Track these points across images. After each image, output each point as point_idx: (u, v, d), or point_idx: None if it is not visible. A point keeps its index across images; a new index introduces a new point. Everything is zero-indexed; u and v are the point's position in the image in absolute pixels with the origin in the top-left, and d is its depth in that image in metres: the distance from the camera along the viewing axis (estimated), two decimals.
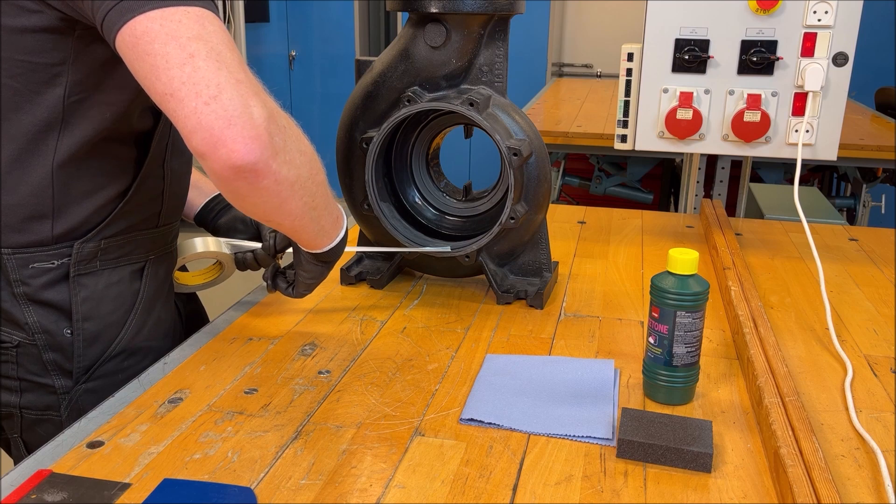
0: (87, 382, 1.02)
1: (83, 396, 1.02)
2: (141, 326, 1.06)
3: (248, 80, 0.78)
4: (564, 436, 0.87)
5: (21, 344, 0.98)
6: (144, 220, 1.05)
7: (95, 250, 1.00)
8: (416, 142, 1.33)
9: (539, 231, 1.27)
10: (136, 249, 1.05)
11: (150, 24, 0.76)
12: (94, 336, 1.01)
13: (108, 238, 1.00)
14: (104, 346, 1.02)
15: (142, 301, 1.06)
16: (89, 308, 1.00)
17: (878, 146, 2.68)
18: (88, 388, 1.02)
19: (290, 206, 0.87)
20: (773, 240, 1.61)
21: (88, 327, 1.00)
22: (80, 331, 1.00)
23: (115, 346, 1.03)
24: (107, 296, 1.02)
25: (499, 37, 1.19)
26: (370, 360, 1.05)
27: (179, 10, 0.77)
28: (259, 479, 0.78)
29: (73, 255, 0.98)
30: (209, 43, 0.76)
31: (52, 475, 0.76)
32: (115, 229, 1.01)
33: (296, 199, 0.87)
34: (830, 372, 1.04)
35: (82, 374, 1.01)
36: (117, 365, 1.04)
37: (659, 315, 0.93)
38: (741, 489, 0.79)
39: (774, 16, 1.37)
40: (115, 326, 1.03)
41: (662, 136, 1.48)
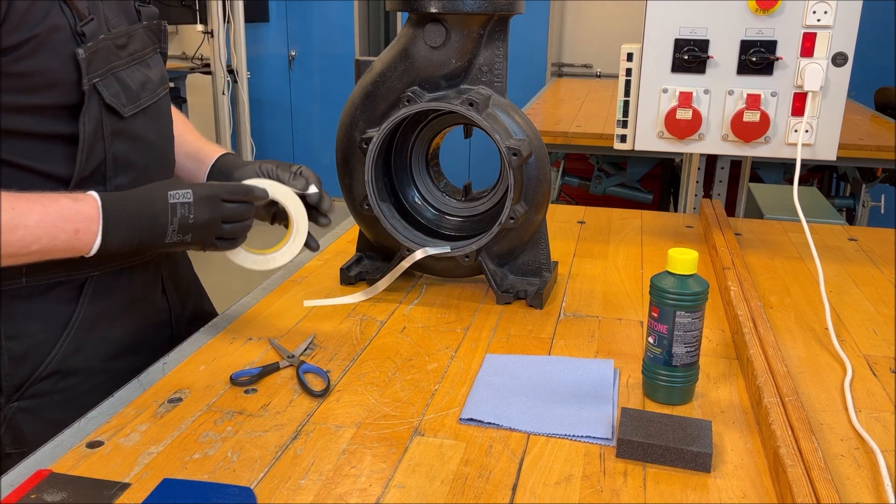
0: (20, 401, 0.98)
1: (17, 415, 0.98)
2: (79, 347, 1.00)
3: None
4: (564, 436, 0.87)
5: None
6: None
7: (19, 266, 0.93)
8: (416, 142, 1.33)
9: (539, 231, 1.27)
10: (76, 267, 0.98)
11: None
12: (21, 355, 0.96)
13: None
14: (33, 365, 0.97)
15: (78, 321, 1.00)
16: (14, 326, 0.95)
17: (877, 146, 2.68)
18: (22, 406, 0.98)
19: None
20: (772, 240, 1.61)
21: (14, 346, 0.96)
22: (5, 349, 0.95)
23: (45, 366, 0.98)
24: (34, 314, 0.96)
25: (498, 37, 1.19)
26: (370, 360, 1.05)
27: None
28: (259, 479, 0.78)
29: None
30: None
31: (51, 475, 0.76)
32: None
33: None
34: (830, 372, 1.04)
35: (13, 392, 0.97)
36: (52, 385, 0.99)
37: (658, 315, 0.93)
38: (741, 489, 0.79)
39: (774, 16, 1.37)
40: (44, 346, 0.98)
41: (662, 136, 1.48)
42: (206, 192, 0.97)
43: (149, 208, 0.95)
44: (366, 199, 1.26)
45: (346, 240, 1.55)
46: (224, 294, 1.39)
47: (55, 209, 0.89)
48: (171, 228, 0.95)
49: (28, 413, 0.98)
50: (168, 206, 0.95)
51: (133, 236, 0.94)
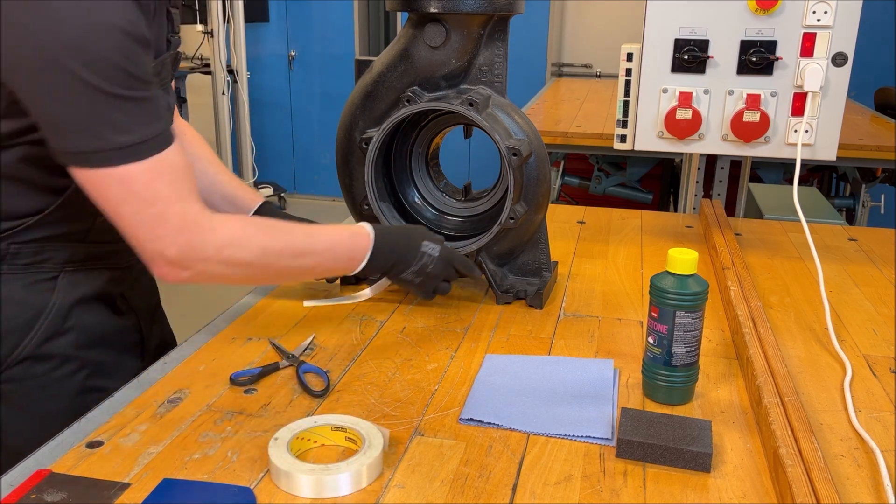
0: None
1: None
2: (53, 333, 1.01)
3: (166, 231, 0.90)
4: (564, 436, 0.87)
5: None
6: (67, 234, 1.01)
7: (3, 253, 0.97)
8: (416, 142, 1.33)
9: (538, 231, 1.27)
10: (51, 259, 1.01)
11: (83, 180, 0.88)
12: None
13: (19, 243, 0.97)
14: (9, 349, 0.98)
15: (54, 309, 1.01)
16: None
17: (877, 146, 2.68)
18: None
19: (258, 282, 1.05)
20: (772, 240, 1.61)
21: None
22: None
23: (21, 350, 0.99)
24: (12, 298, 0.98)
25: (498, 37, 1.19)
26: (370, 360, 1.05)
27: (107, 175, 0.86)
28: (259, 479, 0.78)
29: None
30: (132, 205, 0.88)
31: (51, 475, 0.76)
32: (29, 237, 0.98)
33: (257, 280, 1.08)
34: (830, 372, 1.05)
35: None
36: (25, 370, 1.00)
37: (658, 315, 0.93)
38: (740, 489, 0.79)
39: (774, 16, 1.37)
40: (19, 330, 0.99)
41: (662, 136, 1.48)
42: (447, 255, 1.16)
43: (404, 247, 1.13)
44: (366, 199, 1.26)
45: None
46: (224, 294, 1.39)
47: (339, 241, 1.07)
48: (412, 269, 1.13)
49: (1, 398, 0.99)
50: (418, 252, 1.13)
51: (385, 265, 1.12)
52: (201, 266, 0.93)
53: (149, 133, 0.87)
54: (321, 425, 0.84)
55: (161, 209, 0.89)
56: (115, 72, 0.83)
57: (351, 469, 0.77)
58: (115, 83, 0.83)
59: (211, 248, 0.93)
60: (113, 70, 0.83)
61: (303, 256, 1.02)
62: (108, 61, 0.82)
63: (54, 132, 0.85)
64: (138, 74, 0.86)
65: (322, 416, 0.86)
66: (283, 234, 1.00)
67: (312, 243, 1.04)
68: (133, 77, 0.85)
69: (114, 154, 0.85)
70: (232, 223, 0.96)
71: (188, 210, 0.91)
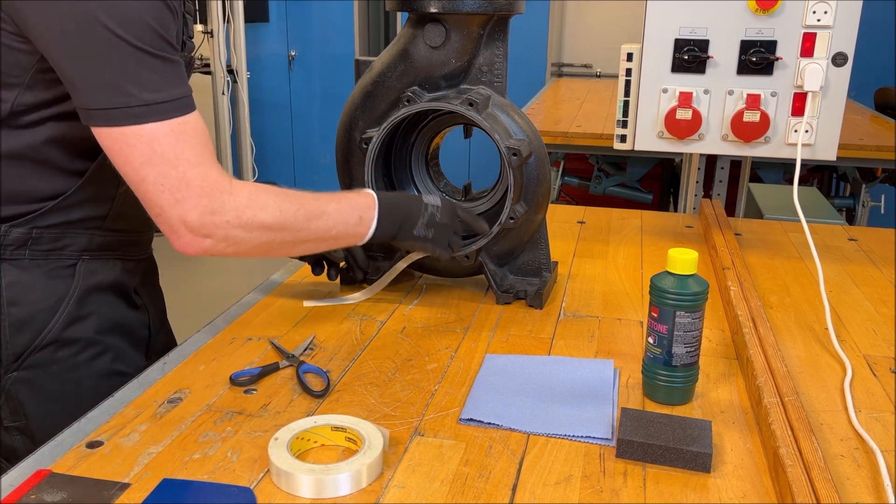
0: (18, 371, 1.01)
1: (16, 386, 1.01)
2: (75, 318, 1.04)
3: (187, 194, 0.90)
4: (564, 436, 0.87)
5: None
6: (85, 220, 1.03)
7: (25, 238, 0.99)
8: (416, 142, 1.33)
9: (538, 231, 1.27)
10: (70, 246, 1.03)
11: (109, 141, 0.89)
12: (21, 322, 1.00)
13: (40, 228, 0.99)
14: (33, 333, 1.01)
15: (75, 293, 1.04)
16: (15, 293, 0.99)
17: (877, 146, 2.68)
18: (21, 377, 1.01)
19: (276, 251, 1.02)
20: (772, 240, 1.61)
21: (15, 312, 0.99)
22: (6, 316, 0.99)
23: (45, 334, 1.01)
24: (35, 284, 1.00)
25: (498, 37, 1.19)
26: (370, 360, 1.05)
27: (133, 134, 0.88)
28: (259, 479, 0.78)
29: (0, 238, 0.97)
30: (156, 167, 0.89)
31: (51, 475, 0.76)
32: (51, 221, 1.00)
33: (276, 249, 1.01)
34: (830, 372, 1.05)
35: (11, 361, 1.00)
36: (50, 355, 1.02)
37: (658, 315, 0.93)
38: (740, 489, 0.79)
39: (774, 16, 1.37)
40: (44, 313, 1.01)
41: (662, 136, 1.48)
42: (449, 204, 1.18)
43: (407, 203, 1.13)
44: None
45: None
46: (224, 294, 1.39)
47: (345, 200, 1.07)
48: (420, 221, 1.12)
49: (26, 384, 1.01)
50: (422, 205, 1.14)
51: (394, 224, 1.11)
52: (222, 232, 0.93)
53: (175, 94, 0.89)
54: (321, 425, 0.84)
55: (183, 171, 0.89)
56: (147, 30, 0.86)
57: (351, 469, 0.77)
58: (147, 41, 0.86)
59: (231, 210, 0.93)
60: (145, 28, 0.86)
61: (316, 218, 1.02)
62: (142, 20, 0.86)
63: (84, 91, 0.87)
64: (167, 37, 0.88)
65: (322, 417, 0.86)
66: (294, 197, 1.00)
67: (322, 205, 1.03)
68: (163, 39, 0.88)
69: (141, 110, 0.87)
70: (249, 186, 0.97)
71: (209, 173, 0.92)
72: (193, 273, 4.09)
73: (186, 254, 0.95)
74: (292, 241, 1.02)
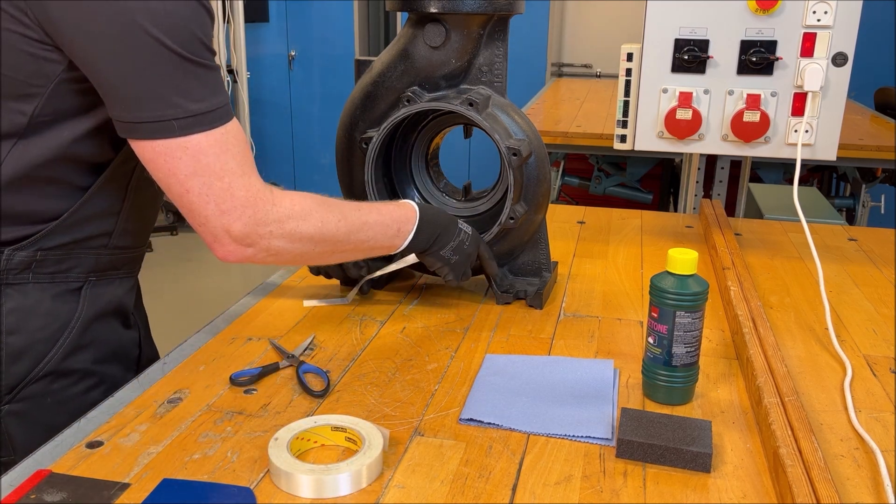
0: (11, 404, 0.97)
1: (6, 419, 0.97)
2: (76, 347, 1.00)
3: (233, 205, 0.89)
4: (564, 436, 0.87)
5: None
6: (92, 238, 1.00)
7: (30, 261, 0.95)
8: (416, 142, 1.33)
9: (538, 231, 1.27)
10: (76, 267, 0.99)
11: (152, 153, 0.87)
12: (18, 352, 0.95)
13: (45, 250, 0.96)
14: (31, 364, 0.97)
15: (79, 320, 1.00)
16: (15, 320, 0.95)
17: (877, 146, 2.68)
18: (13, 409, 0.97)
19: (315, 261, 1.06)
20: (772, 240, 1.61)
21: (13, 342, 0.95)
22: (3, 345, 0.94)
23: (43, 365, 0.97)
24: (38, 310, 0.96)
25: (498, 37, 1.19)
26: (370, 360, 1.05)
27: (179, 146, 0.86)
28: (259, 479, 0.78)
29: (3, 262, 0.93)
30: (202, 178, 0.88)
31: (51, 475, 0.76)
32: (55, 242, 0.96)
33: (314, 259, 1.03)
34: (830, 372, 1.04)
35: (6, 393, 0.96)
36: (45, 387, 0.98)
37: (658, 315, 0.93)
38: (740, 489, 0.79)
39: (774, 16, 1.37)
40: (44, 343, 0.97)
41: (662, 136, 1.48)
42: (477, 237, 1.20)
43: (444, 222, 1.15)
44: (366, 199, 1.26)
45: None
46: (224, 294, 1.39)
47: (386, 212, 1.07)
48: (452, 244, 1.15)
49: (18, 417, 0.97)
50: (457, 228, 1.16)
51: (427, 241, 1.12)
52: (265, 242, 0.93)
53: (217, 102, 0.88)
54: (321, 425, 0.84)
55: (229, 182, 0.88)
56: (191, 37, 0.84)
57: (351, 469, 0.77)
58: (190, 49, 0.85)
59: (274, 221, 0.93)
60: (189, 35, 0.84)
61: (357, 231, 1.02)
62: (186, 26, 0.84)
63: (127, 102, 0.85)
64: (207, 43, 0.87)
65: (322, 417, 0.86)
66: (336, 208, 1.00)
67: (363, 216, 1.03)
68: (204, 45, 0.86)
69: (188, 122, 0.85)
70: (292, 196, 0.96)
71: (253, 184, 0.91)
72: (193, 273, 4.09)
73: (228, 261, 0.95)
74: (331, 252, 1.02)
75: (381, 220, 1.05)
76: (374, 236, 1.05)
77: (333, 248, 1.01)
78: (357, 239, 1.02)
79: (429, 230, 1.11)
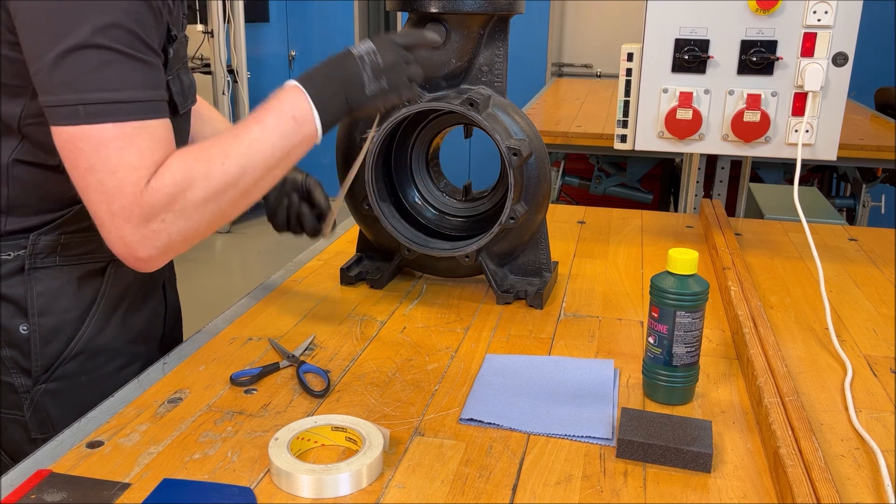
0: (47, 383, 1.00)
1: (44, 398, 1.00)
2: (103, 326, 1.03)
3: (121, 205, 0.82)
4: (564, 436, 0.87)
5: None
6: None
7: (55, 244, 0.98)
8: (416, 142, 1.33)
9: (539, 231, 1.27)
10: (99, 248, 0.98)
11: (60, 141, 0.83)
12: (51, 332, 0.99)
13: (68, 233, 0.98)
14: (62, 343, 1.00)
15: (103, 298, 1.03)
16: (45, 302, 0.98)
17: (877, 146, 2.68)
18: (49, 388, 1.00)
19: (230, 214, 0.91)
20: (772, 240, 1.61)
21: (44, 322, 0.98)
22: (36, 326, 0.98)
23: (74, 344, 1.01)
24: (65, 291, 0.99)
25: (498, 37, 1.19)
26: (370, 359, 1.05)
27: (82, 135, 0.81)
28: (259, 479, 0.78)
29: (29, 248, 0.96)
30: (98, 173, 0.82)
31: (51, 475, 0.76)
32: (77, 225, 0.98)
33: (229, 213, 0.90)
34: (830, 372, 1.04)
35: (41, 373, 1.00)
36: (79, 366, 1.01)
37: (659, 315, 0.93)
38: (741, 489, 0.79)
39: (774, 16, 1.37)
40: (73, 323, 1.00)
41: (662, 136, 1.48)
42: (383, 39, 0.99)
43: (339, 67, 0.97)
44: (366, 199, 1.26)
45: (346, 240, 1.55)
46: (224, 294, 1.39)
47: (268, 113, 0.91)
48: (365, 76, 0.96)
49: (54, 396, 1.00)
50: (356, 59, 0.97)
51: (339, 97, 0.95)
52: (165, 234, 0.85)
53: (140, 96, 0.83)
54: (321, 425, 0.84)
55: (121, 178, 0.82)
56: (121, 30, 0.81)
57: (351, 469, 0.77)
58: (117, 39, 0.81)
59: (162, 209, 0.84)
60: (118, 28, 0.81)
61: (249, 155, 0.88)
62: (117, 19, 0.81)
63: (44, 86, 0.82)
64: (145, 38, 0.84)
65: (322, 417, 0.86)
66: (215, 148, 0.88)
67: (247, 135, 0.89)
68: (138, 38, 0.83)
69: (95, 109, 0.80)
70: (164, 168, 0.85)
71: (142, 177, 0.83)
72: (193, 273, 4.09)
73: (141, 269, 0.88)
74: (242, 194, 0.89)
75: (267, 126, 0.91)
76: (272, 144, 0.90)
77: (237, 191, 0.88)
78: (256, 162, 0.89)
79: (329, 90, 0.95)
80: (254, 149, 0.89)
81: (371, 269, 1.33)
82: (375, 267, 1.34)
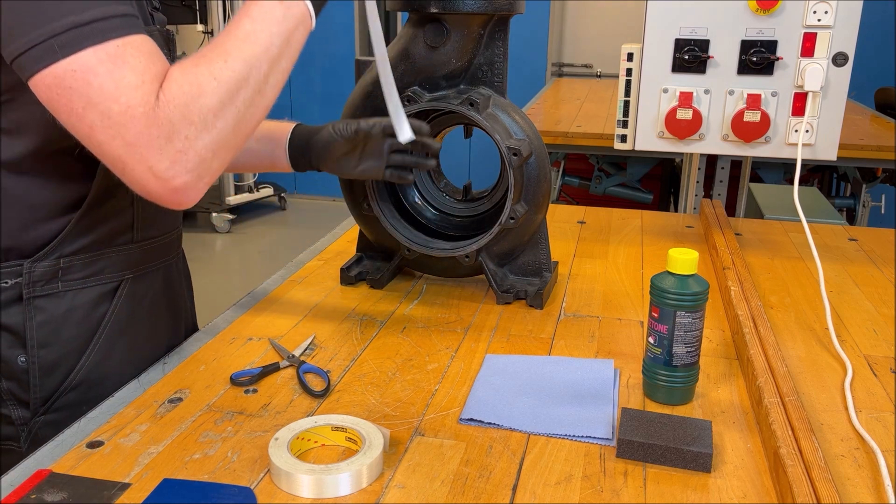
0: (46, 415, 0.95)
1: (43, 429, 0.94)
2: (108, 352, 0.97)
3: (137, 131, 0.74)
4: (564, 436, 0.87)
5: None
6: (113, 235, 0.96)
7: (54, 270, 0.92)
8: None
9: (539, 231, 1.27)
10: (108, 268, 0.96)
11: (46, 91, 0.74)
12: (51, 365, 0.93)
13: (67, 256, 0.92)
14: (63, 375, 0.94)
15: (108, 324, 0.97)
16: (46, 334, 0.93)
17: (877, 146, 2.68)
18: (48, 420, 0.95)
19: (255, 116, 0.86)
20: (772, 240, 1.61)
21: (45, 355, 0.93)
22: (35, 358, 0.92)
23: (75, 375, 0.95)
24: (70, 318, 0.94)
25: (498, 37, 1.19)
26: (370, 360, 1.05)
27: (67, 71, 0.73)
28: (259, 479, 0.78)
29: (24, 276, 0.90)
30: (99, 106, 0.74)
31: (51, 475, 0.76)
32: (76, 246, 0.93)
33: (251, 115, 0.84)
34: (830, 372, 1.04)
35: (40, 405, 0.94)
36: (81, 395, 0.96)
37: (659, 315, 0.93)
38: (741, 489, 0.79)
39: (774, 16, 1.37)
40: (75, 353, 0.95)
41: (662, 136, 1.48)
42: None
43: None
44: (366, 199, 1.26)
45: (346, 240, 1.55)
46: (224, 294, 1.39)
47: (250, 5, 0.84)
48: None
49: (55, 427, 0.93)
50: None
51: None
52: (193, 153, 0.77)
53: (109, 12, 0.75)
54: (321, 425, 0.84)
55: (126, 101, 0.74)
56: None
57: (351, 469, 0.77)
58: None
59: (182, 122, 0.76)
60: None
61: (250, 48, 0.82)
62: None
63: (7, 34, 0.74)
64: None
65: (322, 417, 0.86)
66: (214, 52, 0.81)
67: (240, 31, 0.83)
68: None
69: (68, 37, 0.72)
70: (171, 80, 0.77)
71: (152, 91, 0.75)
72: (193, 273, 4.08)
73: (180, 204, 0.80)
74: (255, 91, 0.83)
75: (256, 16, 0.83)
76: (270, 33, 0.84)
77: (250, 88, 0.82)
78: (258, 55, 0.82)
79: None
80: (251, 41, 0.82)
81: (371, 269, 1.33)
82: (375, 267, 1.34)
